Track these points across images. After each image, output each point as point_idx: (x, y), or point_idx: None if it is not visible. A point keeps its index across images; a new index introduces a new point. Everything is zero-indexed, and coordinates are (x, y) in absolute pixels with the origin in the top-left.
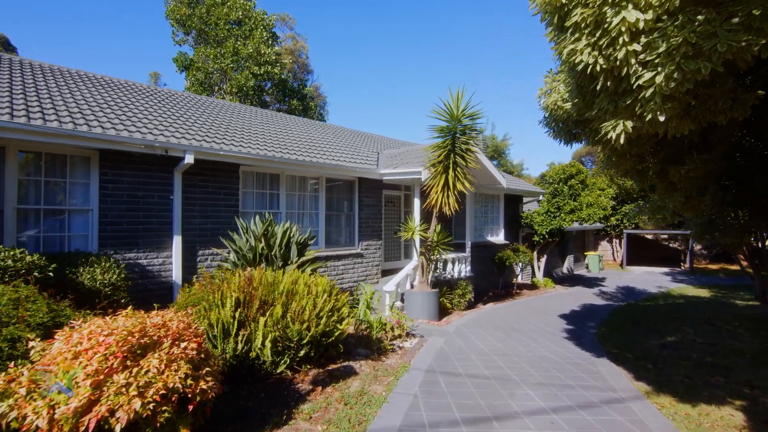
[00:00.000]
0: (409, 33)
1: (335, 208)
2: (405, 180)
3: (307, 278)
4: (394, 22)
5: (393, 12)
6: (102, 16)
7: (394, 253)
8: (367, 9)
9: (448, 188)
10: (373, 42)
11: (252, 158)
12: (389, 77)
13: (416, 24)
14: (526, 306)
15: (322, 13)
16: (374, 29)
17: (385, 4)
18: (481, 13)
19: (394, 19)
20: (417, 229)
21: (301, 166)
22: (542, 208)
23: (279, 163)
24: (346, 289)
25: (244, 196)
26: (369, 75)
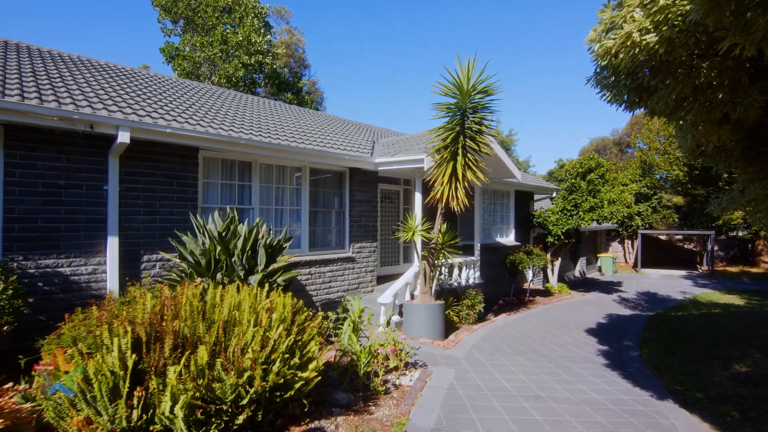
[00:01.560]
0: (412, 34)
1: (322, 204)
2: (404, 170)
3: (259, 299)
4: (396, 22)
5: (394, 12)
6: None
7: (392, 256)
8: (368, 9)
9: (456, 179)
10: (374, 41)
11: (213, 139)
12: (390, 76)
13: (419, 25)
14: (544, 318)
15: (322, 12)
16: (375, 29)
17: (386, 5)
18: (482, 14)
19: (396, 20)
20: (418, 228)
21: (279, 152)
22: (557, 205)
23: (250, 147)
24: (334, 300)
25: (207, 187)
26: (370, 74)
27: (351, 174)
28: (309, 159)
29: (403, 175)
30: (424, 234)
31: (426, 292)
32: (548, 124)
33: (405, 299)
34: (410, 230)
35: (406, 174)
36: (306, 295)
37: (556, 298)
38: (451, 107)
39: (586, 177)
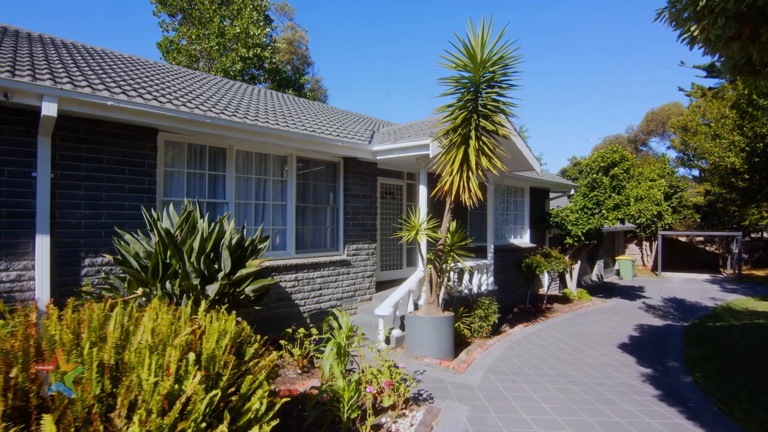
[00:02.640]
0: (415, 35)
1: (311, 199)
2: (407, 159)
3: (174, 329)
4: (399, 24)
5: (398, 14)
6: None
7: (394, 259)
8: (372, 11)
9: (468, 167)
10: (379, 42)
11: (173, 117)
12: (398, 74)
13: (425, 23)
14: (567, 330)
15: (326, 9)
16: (382, 31)
17: (391, 8)
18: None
19: (399, 21)
20: (423, 226)
21: (257, 135)
22: (576, 203)
23: (220, 128)
24: (326, 310)
25: (169, 177)
26: (376, 72)
27: (346, 165)
28: (295, 145)
29: (407, 166)
30: (430, 233)
31: (432, 302)
32: (559, 121)
33: (408, 310)
34: (413, 229)
35: (410, 165)
36: (291, 305)
37: (576, 306)
38: (462, 81)
39: (608, 172)
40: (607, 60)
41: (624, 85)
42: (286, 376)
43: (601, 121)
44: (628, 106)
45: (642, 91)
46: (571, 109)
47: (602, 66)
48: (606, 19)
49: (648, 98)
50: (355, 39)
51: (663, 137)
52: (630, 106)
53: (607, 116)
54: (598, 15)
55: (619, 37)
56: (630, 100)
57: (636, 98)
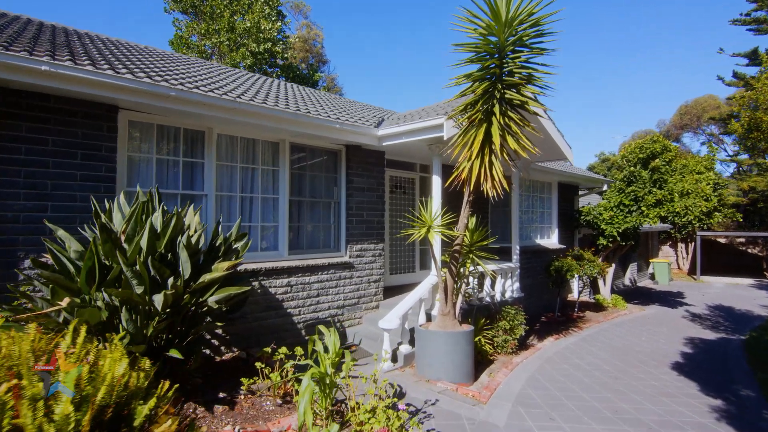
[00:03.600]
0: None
1: (308, 192)
2: (418, 144)
3: None
4: (424, 22)
5: (423, 12)
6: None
7: (406, 262)
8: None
9: (491, 150)
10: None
11: (135, 89)
12: (418, 74)
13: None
14: (606, 344)
15: (345, 10)
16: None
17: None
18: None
19: (424, 19)
20: (436, 223)
21: (240, 114)
22: (610, 200)
23: (194, 105)
24: (324, 320)
25: (135, 164)
26: (394, 71)
27: (348, 154)
28: (286, 127)
29: (419, 155)
30: (445, 231)
31: (447, 313)
32: (582, 117)
33: (419, 321)
34: (424, 225)
35: (422, 153)
36: (283, 315)
37: (612, 314)
38: (484, 45)
39: (648, 165)
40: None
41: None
42: (261, 408)
43: (627, 116)
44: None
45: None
46: (595, 104)
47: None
48: (636, 10)
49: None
50: (374, 38)
51: (697, 132)
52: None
53: (635, 111)
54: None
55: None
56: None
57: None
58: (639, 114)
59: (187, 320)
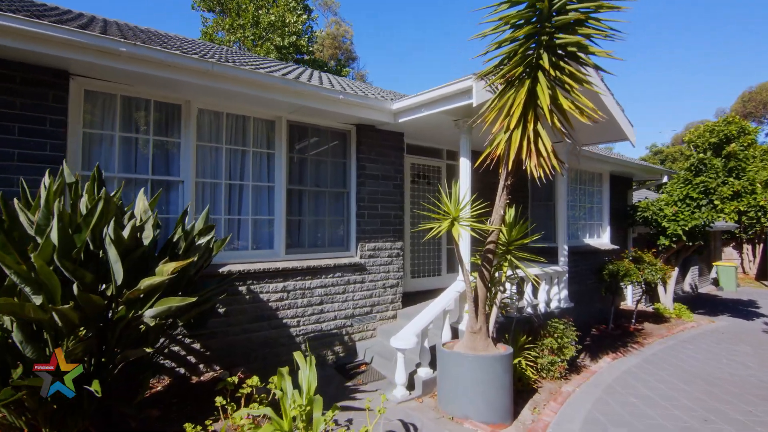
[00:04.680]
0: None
1: (310, 181)
2: (441, 118)
3: None
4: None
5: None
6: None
7: (430, 263)
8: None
9: (536, 115)
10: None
11: (86, 46)
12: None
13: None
14: (679, 367)
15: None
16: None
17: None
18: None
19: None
20: (464, 215)
21: (221, 80)
22: (672, 193)
23: (161, 67)
24: (329, 333)
25: (93, 143)
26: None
27: (360, 135)
28: (281, 99)
29: (444, 136)
30: (475, 224)
31: (478, 331)
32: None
33: (442, 338)
34: (447, 217)
35: (447, 133)
36: (277, 326)
37: (676, 327)
38: None
39: (721, 151)
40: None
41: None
42: None
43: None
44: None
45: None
46: (642, 96)
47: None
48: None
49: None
50: (405, 34)
51: (762, 121)
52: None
53: (688, 102)
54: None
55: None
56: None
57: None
58: (693, 104)
59: (127, 339)
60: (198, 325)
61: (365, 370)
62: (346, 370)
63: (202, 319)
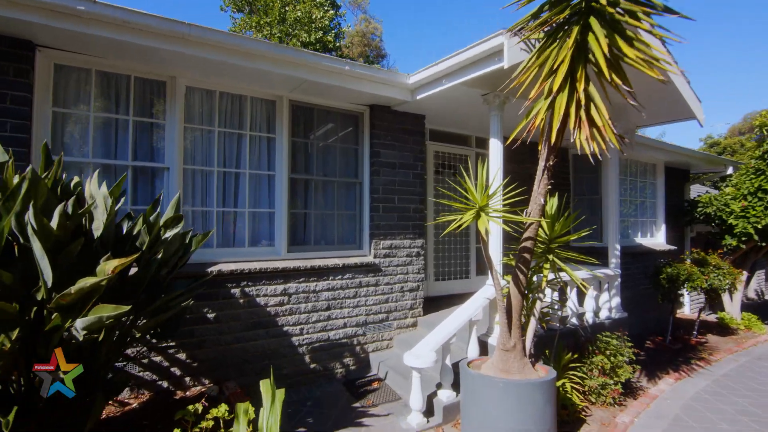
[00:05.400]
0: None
1: (317, 169)
2: (468, 87)
3: None
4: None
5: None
6: None
7: (457, 264)
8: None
9: (585, 73)
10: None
11: (47, 6)
12: None
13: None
14: (761, 393)
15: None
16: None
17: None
18: None
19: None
20: (494, 204)
21: (217, 50)
22: (741, 186)
23: (145, 35)
24: (338, 343)
25: (64, 124)
26: None
27: (373, 117)
28: (278, 72)
29: (472, 119)
30: (507, 216)
31: (512, 348)
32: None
33: (468, 353)
34: (472, 207)
35: (475, 114)
36: (277, 334)
37: (747, 341)
38: None
39: None
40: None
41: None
42: None
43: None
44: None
45: None
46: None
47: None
48: None
49: None
50: (435, 32)
51: None
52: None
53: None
54: None
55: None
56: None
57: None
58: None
59: (72, 354)
60: (166, 335)
61: (378, 387)
62: (356, 386)
63: (169, 327)
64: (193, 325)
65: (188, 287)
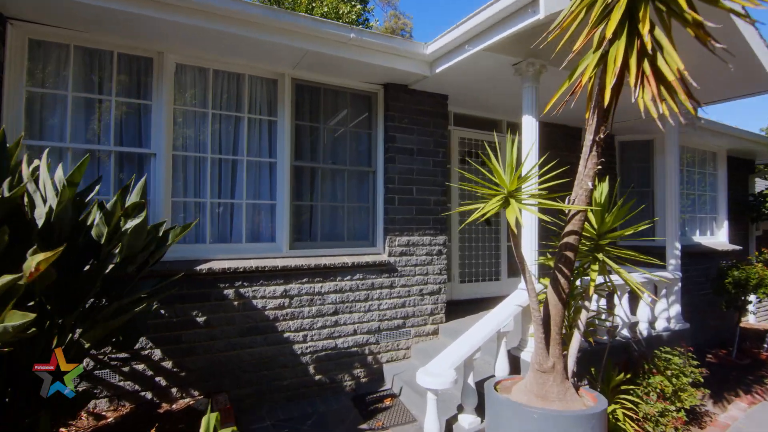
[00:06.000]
0: None
1: (323, 156)
2: (496, 53)
3: None
4: None
5: None
6: None
7: (486, 263)
8: None
9: (654, 4)
10: None
11: None
12: None
13: None
14: None
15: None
16: None
17: None
18: None
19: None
20: (527, 189)
21: (202, 16)
22: None
23: (138, 1)
24: (347, 352)
25: (41, 105)
26: None
27: (388, 98)
28: (282, 43)
29: (502, 97)
30: (545, 202)
31: (550, 369)
32: None
33: (495, 369)
34: (499, 192)
35: (505, 92)
36: (276, 341)
37: None
38: None
39: None
40: None
41: None
42: None
43: None
44: None
45: None
46: None
47: None
48: None
49: None
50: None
51: None
52: None
53: None
54: None
55: None
56: None
57: None
58: None
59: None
60: (123, 346)
61: (390, 405)
62: (366, 403)
63: (128, 336)
64: (181, 330)
65: (153, 288)
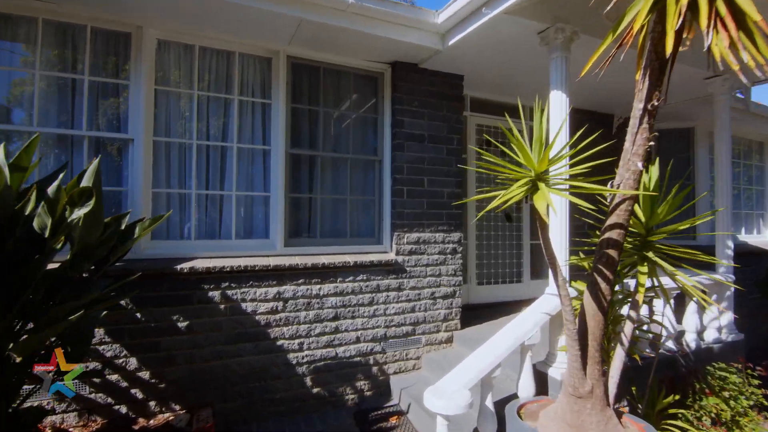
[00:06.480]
0: None
1: (323, 143)
2: (519, 16)
3: None
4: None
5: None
6: None
7: (507, 263)
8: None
9: None
10: None
11: None
12: None
13: None
14: None
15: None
16: None
17: None
18: None
19: None
20: (557, 171)
21: None
22: None
23: None
24: (349, 362)
25: (10, 87)
26: None
27: (396, 78)
28: (272, 11)
29: (522, 70)
30: (582, 187)
31: (587, 394)
32: None
33: (519, 388)
34: (525, 175)
35: (529, 69)
36: (269, 350)
37: None
38: None
39: None
40: None
41: None
42: None
43: None
44: None
45: None
46: None
47: None
48: None
49: None
50: None
51: None
52: None
53: None
54: None
55: None
56: None
57: None
58: None
59: None
60: (74, 356)
61: (397, 425)
62: (369, 421)
63: (76, 346)
64: (160, 336)
65: (104, 290)
